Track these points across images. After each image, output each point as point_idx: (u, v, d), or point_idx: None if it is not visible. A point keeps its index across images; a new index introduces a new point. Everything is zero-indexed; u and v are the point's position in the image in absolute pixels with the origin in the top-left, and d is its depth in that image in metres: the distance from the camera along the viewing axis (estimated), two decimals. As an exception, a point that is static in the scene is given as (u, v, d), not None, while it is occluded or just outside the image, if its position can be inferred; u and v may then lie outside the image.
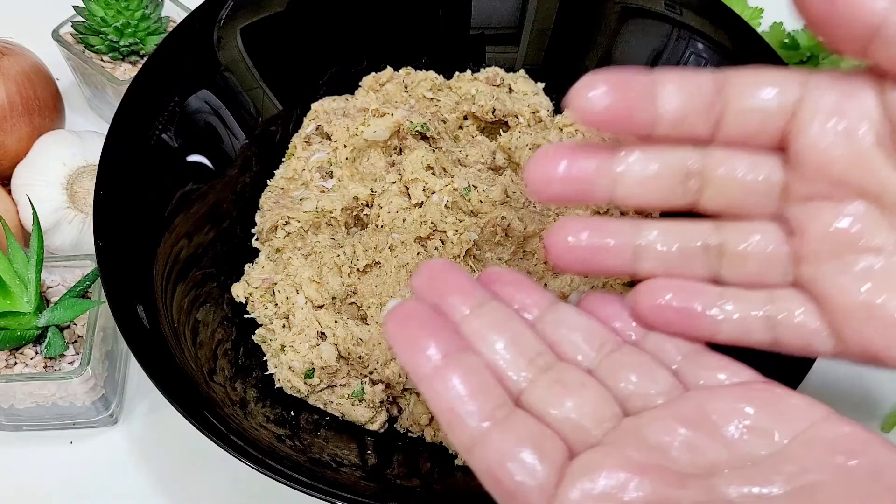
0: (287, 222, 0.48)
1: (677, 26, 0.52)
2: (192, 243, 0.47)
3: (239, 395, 0.43)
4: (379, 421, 0.45)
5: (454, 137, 0.52)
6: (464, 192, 0.47)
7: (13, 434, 0.48)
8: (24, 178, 0.52)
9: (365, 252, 0.46)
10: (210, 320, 0.46)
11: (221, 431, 0.38)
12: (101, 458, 0.48)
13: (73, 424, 0.48)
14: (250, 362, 0.46)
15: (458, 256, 0.45)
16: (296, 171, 0.51)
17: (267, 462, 0.37)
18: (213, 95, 0.50)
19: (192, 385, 0.40)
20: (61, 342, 0.45)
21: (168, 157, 0.47)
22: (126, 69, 0.58)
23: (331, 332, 0.44)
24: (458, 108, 0.53)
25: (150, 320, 0.41)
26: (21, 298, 0.44)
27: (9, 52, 0.54)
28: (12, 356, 0.45)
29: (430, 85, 0.54)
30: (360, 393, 0.44)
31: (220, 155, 0.50)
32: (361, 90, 0.55)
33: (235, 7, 0.51)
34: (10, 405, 0.45)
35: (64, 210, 0.52)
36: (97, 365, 0.45)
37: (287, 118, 0.53)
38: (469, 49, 0.57)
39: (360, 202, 0.48)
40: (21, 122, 0.53)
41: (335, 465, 0.41)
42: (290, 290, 0.46)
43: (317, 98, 0.54)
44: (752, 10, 0.66)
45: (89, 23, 0.57)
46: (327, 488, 0.36)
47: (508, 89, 0.55)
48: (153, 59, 0.48)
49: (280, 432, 0.42)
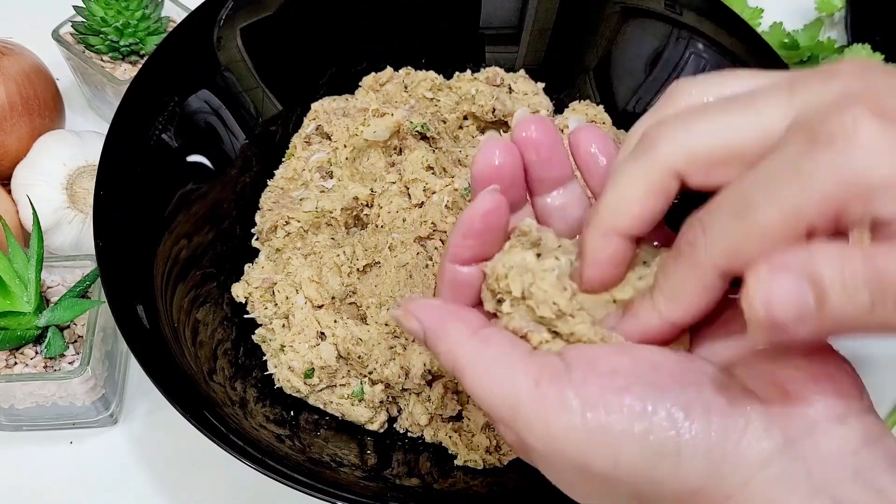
0: (287, 222, 0.48)
1: (677, 26, 0.52)
2: (192, 243, 0.47)
3: (239, 395, 0.43)
4: (379, 421, 0.45)
5: (454, 137, 0.52)
6: (464, 193, 0.47)
7: (13, 434, 0.48)
8: (24, 178, 0.52)
9: (365, 252, 0.46)
10: (210, 320, 0.46)
11: (221, 431, 0.38)
12: (101, 458, 0.48)
13: (73, 424, 0.48)
14: (250, 362, 0.46)
15: (457, 256, 0.45)
16: (296, 171, 0.51)
17: (267, 462, 0.37)
18: (213, 95, 0.50)
19: (192, 385, 0.40)
20: (61, 342, 0.45)
21: (168, 157, 0.47)
22: (126, 69, 0.58)
23: (330, 331, 0.44)
24: (458, 108, 0.52)
25: (150, 320, 0.41)
26: (21, 298, 0.44)
27: (9, 52, 0.54)
28: (12, 356, 0.45)
29: (430, 85, 0.54)
30: (359, 393, 0.44)
31: (220, 155, 0.50)
32: (361, 90, 0.55)
33: (235, 7, 0.51)
34: (10, 405, 0.45)
35: (64, 210, 0.52)
36: (97, 365, 0.45)
37: (287, 118, 0.53)
38: (469, 49, 0.57)
39: (360, 202, 0.48)
40: (21, 122, 0.53)
41: (335, 465, 0.41)
42: (290, 289, 0.46)
43: (317, 98, 0.54)
44: (752, 10, 0.66)
45: (89, 23, 0.57)
46: (327, 488, 0.36)
47: (508, 89, 0.55)
48: (153, 59, 0.48)
49: (280, 432, 0.42)
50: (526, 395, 0.25)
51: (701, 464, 0.23)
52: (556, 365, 0.25)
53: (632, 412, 0.23)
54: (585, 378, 0.24)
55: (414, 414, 0.44)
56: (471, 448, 0.43)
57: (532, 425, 0.25)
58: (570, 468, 0.25)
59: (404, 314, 0.29)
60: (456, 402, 0.43)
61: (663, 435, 0.23)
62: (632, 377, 0.24)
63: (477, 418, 0.43)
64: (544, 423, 0.24)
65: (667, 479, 0.23)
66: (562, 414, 0.24)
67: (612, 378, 0.24)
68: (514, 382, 0.25)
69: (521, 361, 0.26)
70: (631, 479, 0.24)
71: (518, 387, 0.25)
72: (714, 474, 0.23)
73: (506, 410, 0.25)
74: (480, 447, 0.43)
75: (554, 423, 0.24)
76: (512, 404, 0.25)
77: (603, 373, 0.24)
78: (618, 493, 0.25)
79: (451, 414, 0.44)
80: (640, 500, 0.25)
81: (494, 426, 0.27)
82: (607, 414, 0.24)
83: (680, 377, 0.24)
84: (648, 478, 0.23)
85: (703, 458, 0.23)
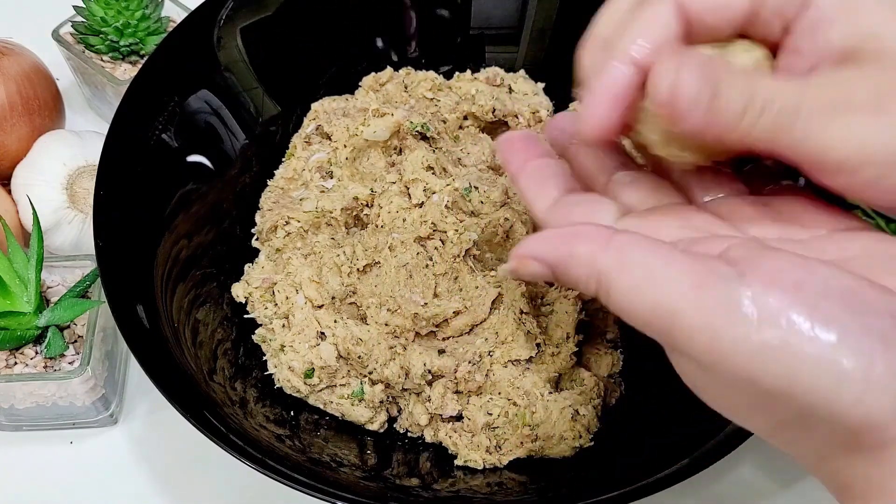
0: (287, 222, 0.48)
1: (677, 26, 0.52)
2: (192, 243, 0.47)
3: (239, 395, 0.43)
4: (379, 421, 0.45)
5: (454, 137, 0.52)
6: (464, 193, 0.47)
7: (13, 434, 0.48)
8: (24, 178, 0.52)
9: (365, 252, 0.46)
10: (210, 320, 0.46)
11: (221, 431, 0.38)
12: (101, 458, 0.48)
13: (73, 424, 0.48)
14: (250, 362, 0.46)
15: (458, 256, 0.45)
16: (296, 171, 0.51)
17: (267, 462, 0.37)
18: (213, 95, 0.50)
19: (192, 385, 0.40)
20: (61, 342, 0.45)
21: (168, 157, 0.47)
22: (126, 69, 0.58)
23: (330, 331, 0.44)
24: (458, 108, 0.52)
25: (150, 320, 0.41)
26: (21, 298, 0.44)
27: (9, 52, 0.54)
28: (12, 356, 0.45)
29: (430, 85, 0.54)
30: (359, 393, 0.44)
31: (220, 155, 0.50)
32: (361, 90, 0.55)
33: (235, 7, 0.51)
34: (10, 405, 0.45)
35: (64, 210, 0.52)
36: (97, 365, 0.45)
37: (287, 118, 0.53)
38: (469, 49, 0.57)
39: (360, 202, 0.48)
40: (21, 122, 0.53)
41: (335, 465, 0.41)
42: (290, 289, 0.46)
43: (317, 98, 0.54)
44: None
45: (89, 23, 0.57)
46: (327, 488, 0.36)
47: (508, 89, 0.55)
48: (153, 59, 0.48)
49: (280, 432, 0.42)
50: (687, 300, 0.22)
51: (890, 399, 0.21)
52: (724, 269, 0.23)
53: (821, 333, 0.21)
54: (765, 287, 0.22)
55: (414, 414, 0.44)
56: (471, 448, 0.43)
57: (694, 336, 0.22)
58: (733, 384, 0.23)
59: (518, 262, 0.26)
60: (456, 402, 0.43)
61: (854, 362, 0.21)
62: (822, 295, 0.22)
63: (477, 418, 0.43)
64: (710, 333, 0.22)
65: (845, 408, 0.21)
66: (734, 325, 0.22)
67: (797, 292, 0.22)
68: (672, 284, 0.23)
69: (678, 262, 0.23)
70: (804, 400, 0.22)
71: (677, 289, 0.22)
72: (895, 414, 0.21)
73: (660, 320, 0.23)
74: (480, 447, 0.43)
75: (724, 334, 0.22)
76: (668, 310, 0.22)
77: (786, 285, 0.22)
78: (789, 412, 0.23)
79: (451, 414, 0.44)
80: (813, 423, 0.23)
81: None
82: (791, 332, 0.21)
83: (875, 303, 0.22)
84: (825, 404, 0.22)
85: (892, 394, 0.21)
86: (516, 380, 0.43)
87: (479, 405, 0.43)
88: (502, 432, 0.43)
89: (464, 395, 0.44)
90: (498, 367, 0.44)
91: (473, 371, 0.43)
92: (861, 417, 0.21)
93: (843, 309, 0.22)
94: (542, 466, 0.43)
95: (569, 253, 0.25)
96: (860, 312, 0.22)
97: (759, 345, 0.22)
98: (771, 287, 0.22)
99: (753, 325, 0.22)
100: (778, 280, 0.22)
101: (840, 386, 0.21)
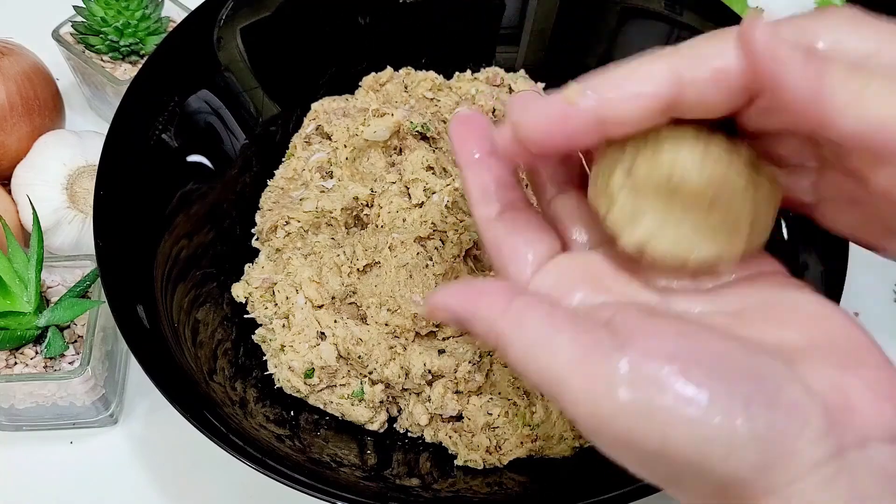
0: (287, 222, 0.48)
1: (677, 26, 0.52)
2: (192, 243, 0.47)
3: (239, 395, 0.43)
4: (379, 421, 0.45)
5: (454, 137, 0.52)
6: (464, 193, 0.47)
7: (13, 434, 0.48)
8: (24, 178, 0.52)
9: (365, 252, 0.46)
10: (210, 320, 0.46)
11: (221, 431, 0.38)
12: (101, 458, 0.48)
13: (73, 424, 0.48)
14: (250, 362, 0.46)
15: (457, 256, 0.45)
16: (296, 171, 0.51)
17: (267, 462, 0.37)
18: (213, 95, 0.50)
19: (192, 385, 0.40)
20: (61, 342, 0.45)
21: (168, 157, 0.47)
22: (126, 69, 0.58)
23: (330, 331, 0.44)
24: (458, 108, 0.52)
25: (150, 320, 0.41)
26: (21, 298, 0.44)
27: (9, 52, 0.54)
28: (12, 356, 0.45)
29: (430, 85, 0.54)
30: (359, 393, 0.44)
31: (220, 155, 0.50)
32: (361, 90, 0.55)
33: (235, 7, 0.51)
34: (10, 405, 0.45)
35: (64, 210, 0.52)
36: (97, 365, 0.45)
37: (287, 118, 0.53)
38: (469, 49, 0.57)
39: (360, 202, 0.48)
40: (21, 122, 0.53)
41: (335, 465, 0.41)
42: (290, 289, 0.46)
43: (317, 98, 0.54)
44: (752, 10, 0.66)
45: (89, 23, 0.57)
46: (327, 488, 0.36)
47: (508, 89, 0.55)
48: (153, 59, 0.48)
49: (280, 432, 0.42)
50: (571, 369, 0.24)
51: (753, 457, 0.23)
52: (607, 341, 0.24)
53: (686, 397, 0.23)
54: (641, 358, 0.24)
55: (414, 414, 0.44)
56: (471, 448, 0.43)
57: (578, 403, 0.24)
58: (618, 444, 0.25)
59: (431, 309, 0.28)
60: (456, 402, 0.43)
61: (720, 423, 0.23)
62: (692, 361, 0.24)
63: (477, 418, 0.43)
64: (592, 401, 0.24)
65: (716, 465, 0.23)
66: (612, 393, 0.23)
67: (671, 361, 0.23)
68: (560, 353, 0.24)
69: (567, 331, 0.25)
70: (679, 459, 0.23)
71: (564, 358, 0.24)
72: (763, 469, 0.23)
73: (550, 385, 0.25)
74: (480, 447, 0.43)
75: (603, 402, 0.24)
76: (556, 377, 0.24)
77: (661, 355, 0.24)
78: (666, 469, 0.25)
79: (451, 414, 0.44)
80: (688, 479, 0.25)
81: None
82: (663, 398, 0.23)
83: (743, 367, 0.24)
84: (697, 462, 0.23)
85: (756, 452, 0.23)
86: (516, 380, 0.43)
87: (479, 405, 0.43)
88: (502, 432, 0.43)
89: (464, 395, 0.44)
90: (498, 367, 0.44)
91: (473, 371, 0.43)
92: (730, 473, 0.23)
93: (712, 375, 0.23)
94: (542, 466, 0.43)
95: (473, 311, 0.27)
96: (727, 378, 0.23)
97: (634, 411, 0.23)
98: (647, 357, 0.24)
99: (628, 392, 0.23)
100: (654, 351, 0.24)
101: (708, 445, 0.23)
